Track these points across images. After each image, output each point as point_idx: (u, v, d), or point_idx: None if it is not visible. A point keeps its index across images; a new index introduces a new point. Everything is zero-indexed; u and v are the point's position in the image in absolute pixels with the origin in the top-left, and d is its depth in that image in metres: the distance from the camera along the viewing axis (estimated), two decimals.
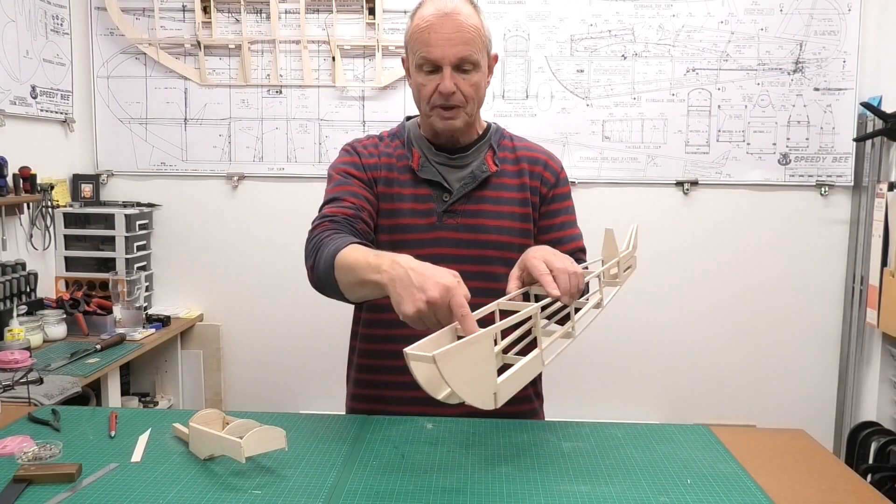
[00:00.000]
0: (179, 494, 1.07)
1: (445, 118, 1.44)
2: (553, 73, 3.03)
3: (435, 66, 1.40)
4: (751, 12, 2.95)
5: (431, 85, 1.41)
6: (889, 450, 2.57)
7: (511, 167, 1.52)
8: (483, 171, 1.49)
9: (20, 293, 2.65)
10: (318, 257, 1.31)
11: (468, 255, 1.47)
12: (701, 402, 3.12)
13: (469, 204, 1.48)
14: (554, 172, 1.54)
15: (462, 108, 1.43)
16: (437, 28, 1.38)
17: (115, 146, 3.16)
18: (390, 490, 1.09)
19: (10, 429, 1.34)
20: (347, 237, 1.32)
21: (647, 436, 1.31)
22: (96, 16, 3.10)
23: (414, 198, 1.48)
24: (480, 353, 1.04)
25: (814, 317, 3.07)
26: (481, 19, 1.44)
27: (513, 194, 1.50)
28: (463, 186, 1.48)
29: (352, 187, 1.47)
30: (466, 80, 1.41)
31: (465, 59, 1.39)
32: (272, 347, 3.21)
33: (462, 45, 1.38)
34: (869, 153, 2.90)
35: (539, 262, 1.23)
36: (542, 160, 1.55)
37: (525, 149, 1.56)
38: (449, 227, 1.47)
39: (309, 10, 3.05)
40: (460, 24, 1.38)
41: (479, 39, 1.41)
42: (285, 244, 3.16)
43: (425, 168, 1.49)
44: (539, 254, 1.26)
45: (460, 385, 1.01)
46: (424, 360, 0.98)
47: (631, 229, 1.49)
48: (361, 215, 1.43)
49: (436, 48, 1.38)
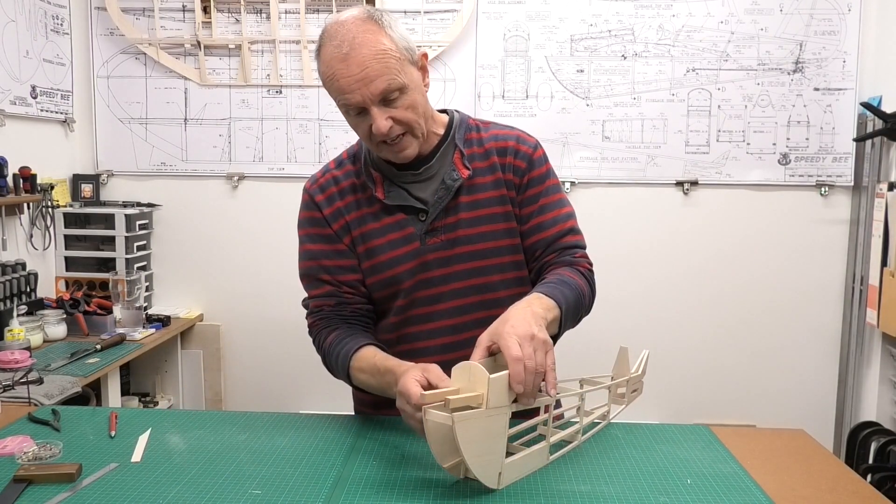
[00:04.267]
0: (179, 494, 1.07)
1: (395, 151, 1.31)
2: (553, 73, 3.03)
3: (360, 109, 1.27)
4: (751, 12, 2.95)
5: (365, 126, 1.29)
6: (889, 450, 2.57)
7: (482, 163, 1.40)
8: (455, 178, 1.37)
9: (20, 293, 2.64)
10: (331, 367, 1.40)
11: (459, 271, 1.38)
12: (701, 402, 3.12)
13: (448, 217, 1.37)
14: (524, 157, 1.40)
15: (408, 133, 1.30)
16: (343, 73, 1.24)
17: (115, 146, 3.16)
18: (390, 490, 1.09)
19: (10, 429, 1.34)
20: (347, 344, 1.34)
21: (647, 436, 1.31)
22: (96, 16, 3.10)
23: (390, 228, 1.38)
24: (496, 428, 1.06)
25: (814, 317, 3.07)
26: (388, 32, 1.26)
27: (488, 194, 1.38)
28: (438, 201, 1.37)
29: (322, 261, 1.40)
30: (400, 107, 1.27)
31: (386, 91, 1.25)
32: (272, 347, 3.21)
33: (378, 80, 1.23)
34: (869, 153, 2.90)
35: (514, 344, 1.07)
36: (511, 147, 1.40)
37: (492, 138, 1.42)
38: (433, 247, 1.37)
39: (309, 10, 3.05)
40: (363, 58, 1.23)
41: (394, 59, 1.25)
42: (285, 244, 3.14)
43: (392, 193, 1.37)
44: (519, 329, 1.09)
45: (471, 455, 1.02)
46: (442, 420, 1.00)
47: (642, 355, 1.45)
48: (342, 296, 1.40)
49: (352, 94, 1.24)
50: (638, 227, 3.09)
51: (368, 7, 1.33)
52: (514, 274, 1.40)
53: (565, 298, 1.25)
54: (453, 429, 0.99)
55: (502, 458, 1.09)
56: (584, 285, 1.33)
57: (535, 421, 1.24)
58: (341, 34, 1.24)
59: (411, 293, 1.39)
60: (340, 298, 1.40)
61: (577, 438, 1.26)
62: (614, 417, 1.37)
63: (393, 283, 1.39)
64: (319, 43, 1.29)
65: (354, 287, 1.40)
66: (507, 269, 1.39)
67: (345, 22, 1.26)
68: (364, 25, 1.25)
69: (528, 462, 1.15)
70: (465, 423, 1.01)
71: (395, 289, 1.39)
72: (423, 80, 1.34)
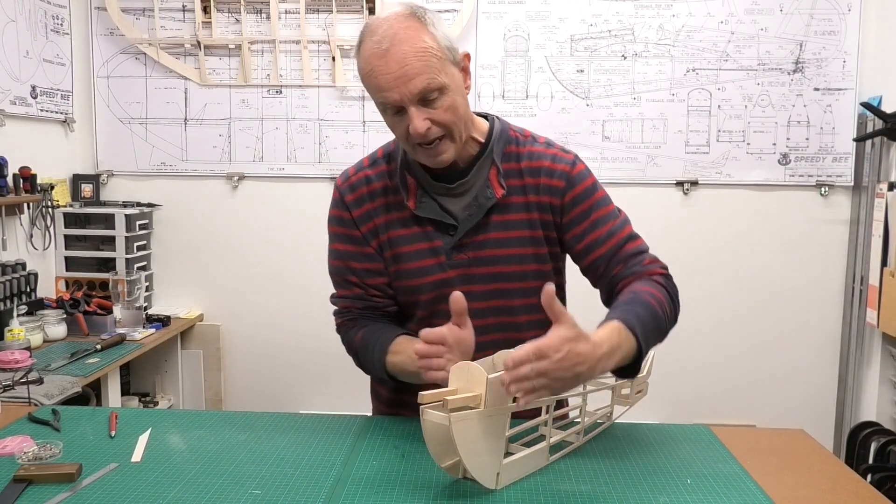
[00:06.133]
0: (179, 494, 1.07)
1: (432, 155, 1.27)
2: (553, 73, 3.03)
3: (398, 108, 1.23)
4: (751, 12, 2.95)
5: (402, 126, 1.24)
6: (889, 450, 2.57)
7: (516, 181, 1.34)
8: (488, 197, 1.32)
9: (20, 293, 2.64)
10: (364, 359, 1.39)
11: (481, 290, 1.34)
12: (701, 402, 3.11)
13: (477, 234, 1.33)
14: (562, 175, 1.34)
15: (445, 137, 1.25)
16: (381, 70, 1.20)
17: (115, 146, 3.16)
18: (390, 490, 1.09)
19: (10, 429, 1.34)
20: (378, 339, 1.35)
21: (647, 436, 1.31)
22: (96, 16, 3.10)
23: (418, 237, 1.35)
24: (494, 428, 1.06)
25: (814, 317, 3.07)
26: (431, 30, 1.22)
27: (520, 215, 1.34)
28: (469, 218, 1.33)
29: (350, 262, 1.39)
30: (439, 109, 1.23)
31: (426, 90, 1.20)
32: (272, 347, 3.21)
33: (418, 78, 1.19)
34: (869, 153, 2.90)
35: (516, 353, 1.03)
36: (546, 168, 1.34)
37: (527, 157, 1.36)
38: (459, 263, 1.34)
39: (309, 10, 3.05)
40: (404, 55, 1.19)
41: (435, 58, 1.21)
42: (285, 244, 3.16)
43: (424, 204, 1.34)
44: (567, 362, 1.04)
45: (469, 455, 1.02)
46: (440, 420, 1.01)
47: (648, 356, 1.42)
48: (371, 300, 1.39)
49: (390, 91, 1.20)
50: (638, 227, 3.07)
51: (412, 4, 1.28)
52: (537, 299, 1.27)
53: (640, 322, 1.17)
54: (450, 429, 1.00)
55: (500, 459, 1.09)
56: (662, 297, 1.26)
57: (535, 421, 1.24)
58: (382, 30, 1.21)
59: (430, 305, 1.38)
60: (369, 302, 1.40)
61: (577, 439, 1.26)
62: (618, 418, 1.37)
63: (415, 293, 1.38)
64: (360, 38, 1.25)
65: (382, 290, 1.40)
66: (530, 294, 1.30)
67: (387, 18, 1.22)
68: (406, 22, 1.21)
69: (527, 462, 1.15)
70: (463, 423, 1.01)
71: (416, 298, 1.39)
72: (465, 82, 1.30)
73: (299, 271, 3.15)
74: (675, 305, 1.32)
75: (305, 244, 3.13)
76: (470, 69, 1.31)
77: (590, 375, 1.08)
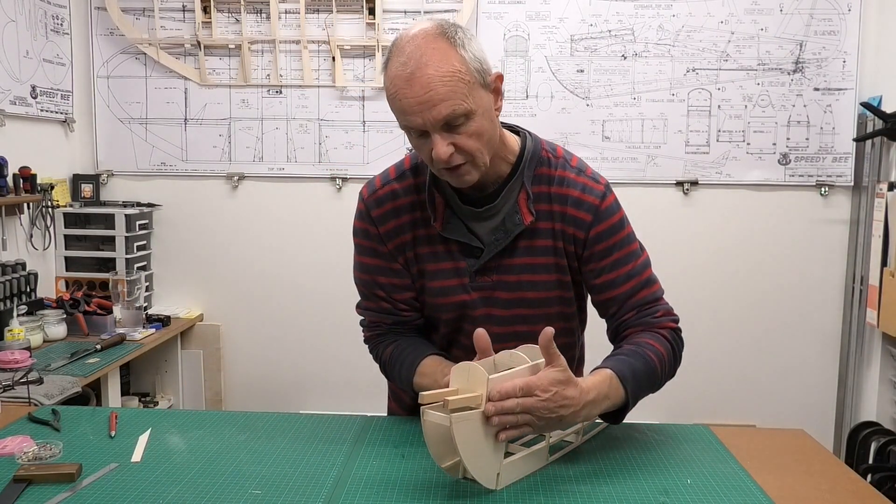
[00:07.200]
0: (179, 494, 1.07)
1: (455, 176, 1.22)
2: (553, 73, 3.03)
3: (422, 131, 1.18)
4: (751, 12, 2.95)
5: (427, 149, 1.20)
6: (889, 450, 2.57)
7: (545, 206, 1.31)
8: (517, 223, 1.29)
9: (20, 293, 2.64)
10: (393, 375, 1.42)
11: (503, 315, 1.33)
12: (701, 402, 3.11)
13: (503, 258, 1.31)
14: (590, 209, 1.30)
15: (469, 162, 1.20)
16: (405, 93, 1.15)
17: (115, 146, 3.16)
18: (390, 490, 1.09)
19: (10, 429, 1.34)
20: (406, 357, 1.37)
21: (647, 436, 1.31)
22: (96, 16, 3.10)
23: (443, 256, 1.33)
24: (494, 429, 1.06)
25: (814, 317, 3.07)
26: (460, 52, 1.16)
27: (547, 242, 1.31)
28: (495, 242, 1.30)
29: (377, 277, 1.38)
30: (464, 134, 1.17)
31: (450, 116, 1.15)
32: (272, 347, 3.21)
33: (442, 104, 1.14)
34: (869, 153, 2.90)
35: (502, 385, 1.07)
36: (574, 198, 1.30)
37: (558, 182, 1.31)
38: (483, 285, 1.33)
39: (309, 10, 3.05)
40: (429, 80, 1.13)
41: (462, 83, 1.15)
42: (285, 244, 3.16)
43: (450, 226, 1.31)
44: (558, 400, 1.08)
45: (469, 456, 1.03)
46: (440, 421, 1.01)
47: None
48: (400, 314, 1.39)
49: (413, 116, 1.16)
50: (638, 227, 3.05)
51: (443, 21, 1.20)
52: (560, 325, 1.28)
53: (634, 376, 1.20)
54: (451, 429, 1.00)
55: (500, 459, 1.09)
56: (664, 353, 1.27)
57: None
58: (409, 50, 1.15)
59: (452, 324, 1.38)
60: (398, 317, 1.40)
61: (577, 439, 1.26)
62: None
63: (437, 310, 1.38)
64: (387, 56, 1.20)
65: (410, 304, 1.39)
66: (553, 320, 1.29)
67: (415, 37, 1.16)
68: (434, 42, 1.15)
69: (527, 462, 1.15)
70: (463, 423, 1.01)
71: (438, 315, 1.39)
72: (496, 104, 1.24)
73: (299, 271, 3.15)
74: (677, 361, 1.33)
75: (306, 244, 3.13)
76: (502, 89, 1.26)
77: (573, 419, 1.12)
